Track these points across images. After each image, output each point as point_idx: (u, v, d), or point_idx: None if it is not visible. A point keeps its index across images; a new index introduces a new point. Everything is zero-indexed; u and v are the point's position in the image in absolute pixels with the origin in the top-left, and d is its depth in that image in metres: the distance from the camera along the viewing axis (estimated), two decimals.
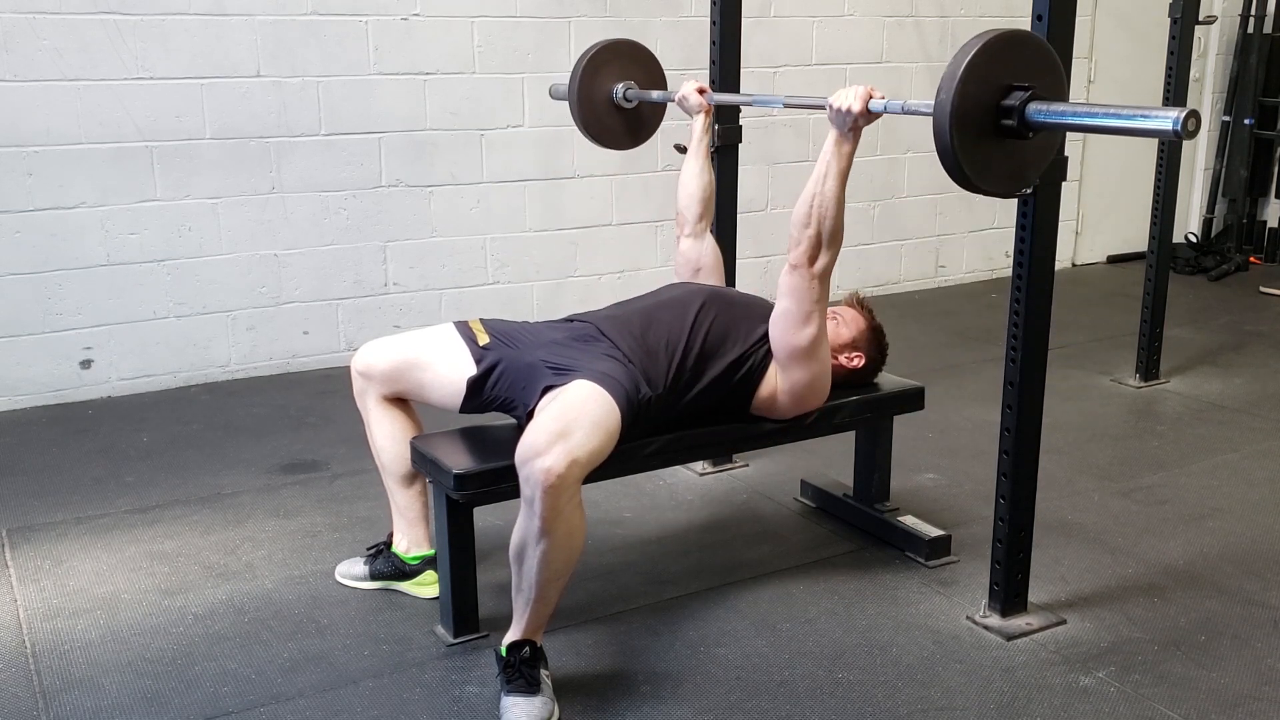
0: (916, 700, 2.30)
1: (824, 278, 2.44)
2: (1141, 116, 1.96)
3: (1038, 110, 2.05)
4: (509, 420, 2.58)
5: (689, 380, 2.52)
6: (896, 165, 5.78)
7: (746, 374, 2.57)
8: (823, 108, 2.41)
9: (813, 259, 2.41)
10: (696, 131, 3.05)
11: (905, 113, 2.28)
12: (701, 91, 3.05)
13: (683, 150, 3.22)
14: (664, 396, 2.47)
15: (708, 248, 3.01)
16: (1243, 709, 2.26)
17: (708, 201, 3.04)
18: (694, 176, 3.03)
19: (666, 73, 3.32)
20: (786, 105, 2.89)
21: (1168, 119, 1.89)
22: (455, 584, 2.49)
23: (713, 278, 2.96)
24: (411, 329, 2.88)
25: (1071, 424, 3.90)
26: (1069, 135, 2.36)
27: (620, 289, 4.97)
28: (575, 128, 3.25)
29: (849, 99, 2.33)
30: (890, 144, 5.69)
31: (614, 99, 3.21)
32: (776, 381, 2.58)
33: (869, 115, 2.34)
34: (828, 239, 2.40)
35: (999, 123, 2.09)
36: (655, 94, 3.19)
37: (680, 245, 3.04)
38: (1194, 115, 1.88)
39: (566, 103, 3.22)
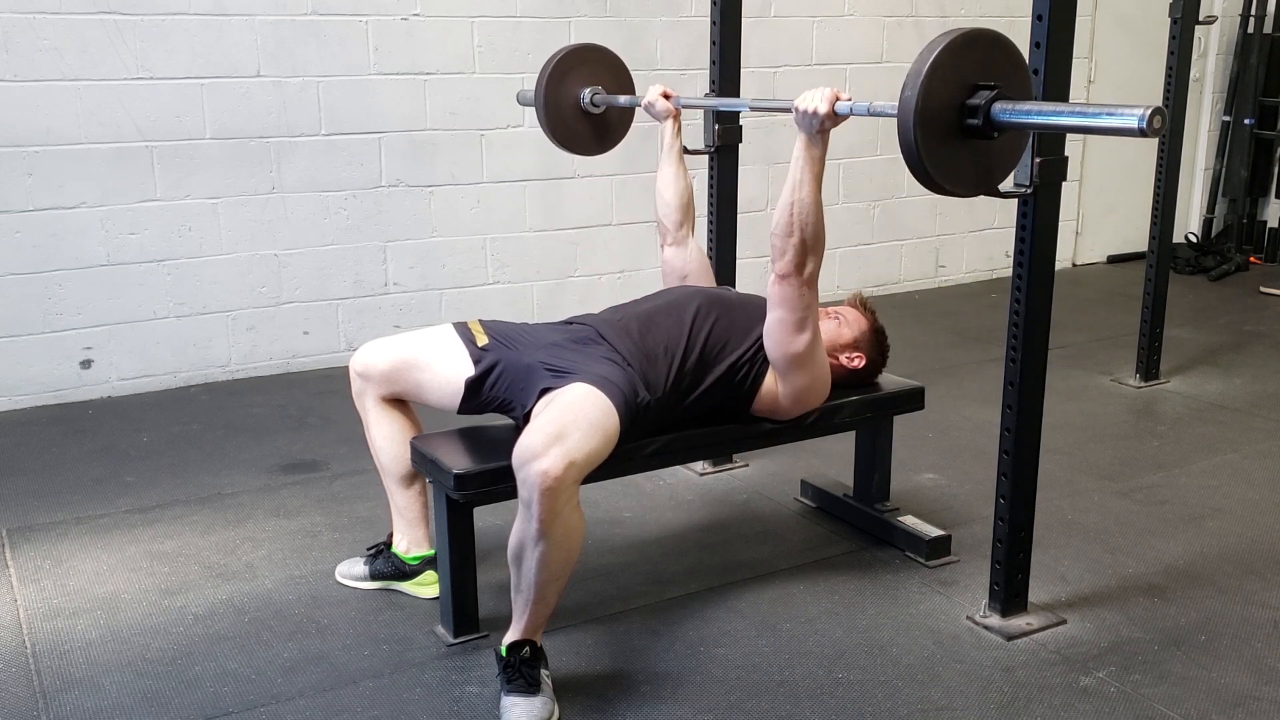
0: (916, 700, 2.30)
1: (812, 283, 2.43)
2: (1107, 115, 1.92)
3: (1003, 110, 2.02)
4: (509, 420, 2.58)
5: (689, 384, 2.52)
6: (896, 165, 5.77)
7: (746, 376, 2.57)
8: (789, 110, 2.36)
9: (800, 266, 2.39)
10: (666, 137, 3.01)
11: (871, 114, 2.22)
12: (667, 96, 3.01)
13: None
14: (664, 400, 2.47)
15: (692, 254, 2.97)
16: (1243, 709, 2.26)
17: (686, 207, 2.99)
18: (669, 183, 2.99)
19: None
20: (753, 109, 2.81)
21: (1133, 115, 1.86)
22: (455, 584, 2.49)
23: (701, 283, 2.93)
24: (411, 329, 2.88)
25: (1071, 424, 3.90)
26: (1070, 136, 2.35)
27: (620, 289, 4.97)
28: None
29: (815, 100, 2.28)
30: (890, 144, 5.63)
31: (581, 104, 3.18)
32: (777, 384, 2.58)
33: (835, 117, 2.29)
34: (811, 244, 2.38)
35: (964, 122, 2.05)
36: (623, 99, 3.16)
37: (664, 254, 3.00)
38: (1159, 112, 1.84)
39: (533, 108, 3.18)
